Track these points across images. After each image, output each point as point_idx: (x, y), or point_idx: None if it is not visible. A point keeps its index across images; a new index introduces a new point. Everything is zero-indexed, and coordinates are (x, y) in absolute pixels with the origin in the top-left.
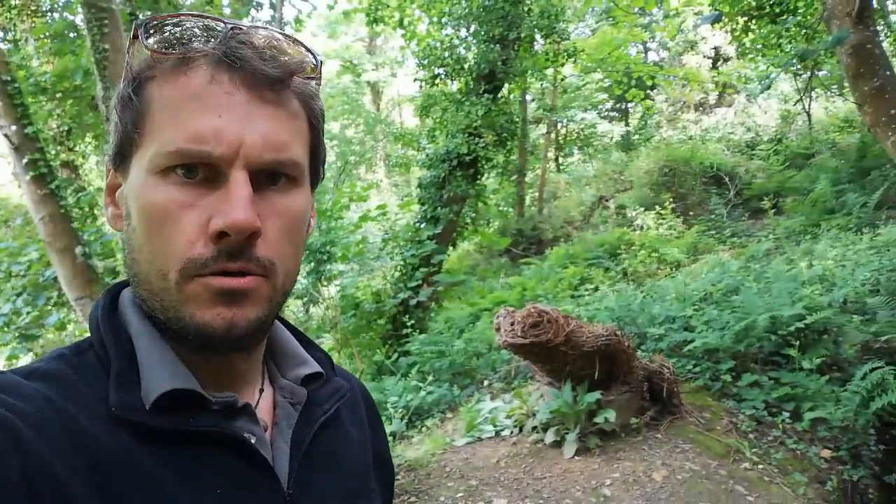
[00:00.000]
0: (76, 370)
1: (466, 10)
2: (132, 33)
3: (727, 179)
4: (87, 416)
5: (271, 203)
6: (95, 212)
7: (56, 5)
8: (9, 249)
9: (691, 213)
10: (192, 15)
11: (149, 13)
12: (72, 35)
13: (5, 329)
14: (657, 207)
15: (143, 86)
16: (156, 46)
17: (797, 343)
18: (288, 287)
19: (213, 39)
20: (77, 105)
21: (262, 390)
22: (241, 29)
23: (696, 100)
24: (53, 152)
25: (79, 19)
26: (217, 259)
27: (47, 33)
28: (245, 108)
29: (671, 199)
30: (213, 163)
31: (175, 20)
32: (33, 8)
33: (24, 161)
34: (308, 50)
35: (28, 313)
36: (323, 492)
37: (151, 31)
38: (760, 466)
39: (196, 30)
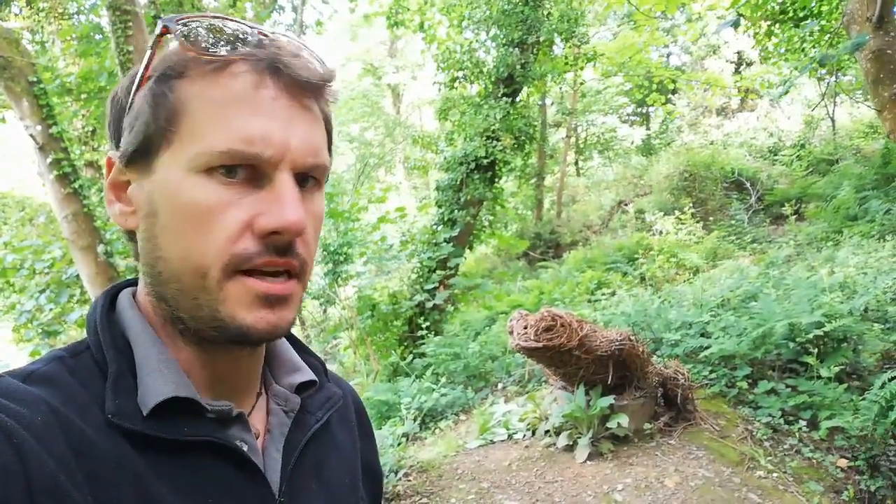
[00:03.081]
0: (73, 373)
1: (486, 14)
2: (158, 29)
3: (748, 185)
4: (85, 421)
5: (305, 205)
6: None
7: (83, 8)
8: (33, 247)
9: (711, 218)
10: (220, 17)
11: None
12: (97, 37)
13: (28, 325)
14: (677, 212)
15: (175, 83)
16: (191, 44)
17: (816, 351)
18: (306, 286)
19: (249, 43)
20: (101, 106)
21: (259, 395)
22: (272, 35)
23: (718, 104)
24: (77, 152)
25: (104, 21)
26: (263, 254)
27: (73, 35)
28: (288, 113)
29: (691, 204)
30: (259, 164)
31: (208, 21)
32: (60, 10)
33: (49, 160)
34: (321, 60)
35: (51, 310)
36: (313, 500)
37: (185, 30)
38: (775, 475)
39: (234, 32)
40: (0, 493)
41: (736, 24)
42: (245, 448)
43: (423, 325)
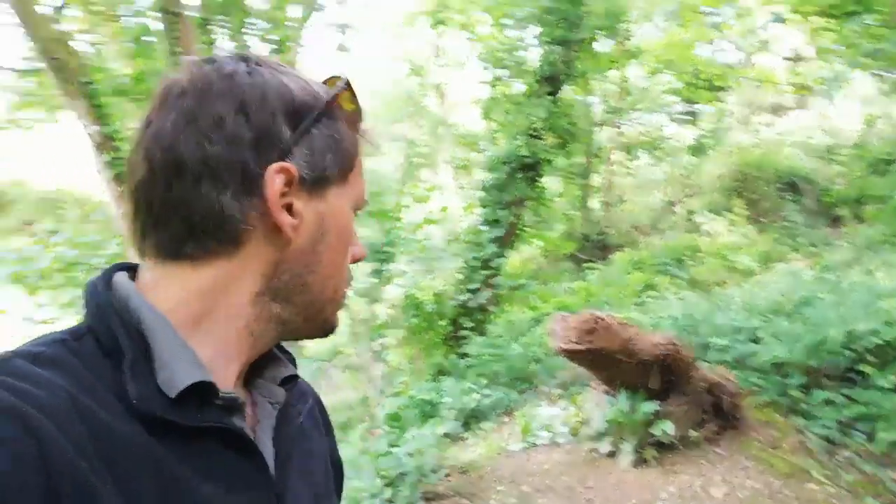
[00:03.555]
0: (78, 356)
1: (529, 12)
2: (343, 87)
3: (804, 185)
4: (100, 405)
5: None
6: None
7: (135, 10)
8: (91, 243)
9: (764, 219)
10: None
11: (219, 17)
12: (150, 39)
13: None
14: (728, 213)
15: (355, 137)
16: (363, 129)
17: (874, 359)
18: None
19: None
20: None
21: (244, 388)
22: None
23: (770, 102)
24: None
25: (154, 24)
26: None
27: (126, 38)
28: None
29: (743, 205)
30: None
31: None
32: (113, 13)
33: (104, 159)
34: None
35: None
36: (300, 490)
37: (355, 97)
38: (829, 489)
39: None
40: (19, 481)
41: (780, 20)
42: (252, 436)
43: (467, 326)
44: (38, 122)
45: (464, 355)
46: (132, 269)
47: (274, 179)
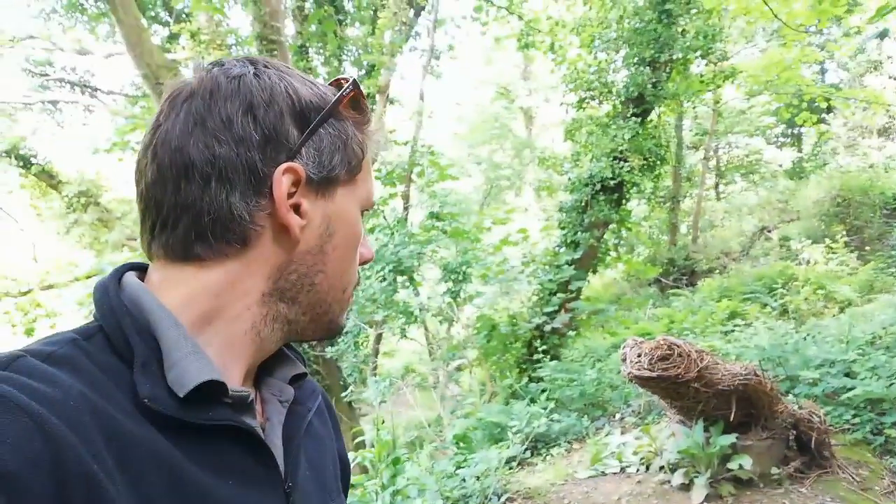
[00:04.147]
0: (89, 356)
1: (617, 34)
2: (350, 88)
3: None
4: (111, 404)
5: None
6: None
7: (239, 39)
8: None
9: (868, 247)
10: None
11: (318, 45)
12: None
13: None
14: (827, 240)
15: (364, 139)
16: (369, 130)
17: None
18: None
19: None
20: None
21: (253, 387)
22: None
23: (879, 124)
24: None
25: (255, 51)
26: (358, 277)
27: None
28: None
29: (844, 232)
30: None
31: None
32: (219, 42)
33: None
34: None
35: None
36: (309, 487)
37: (361, 97)
38: None
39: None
40: (32, 482)
41: (883, 36)
42: (262, 434)
43: (541, 349)
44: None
45: (537, 379)
46: (142, 270)
47: (282, 180)
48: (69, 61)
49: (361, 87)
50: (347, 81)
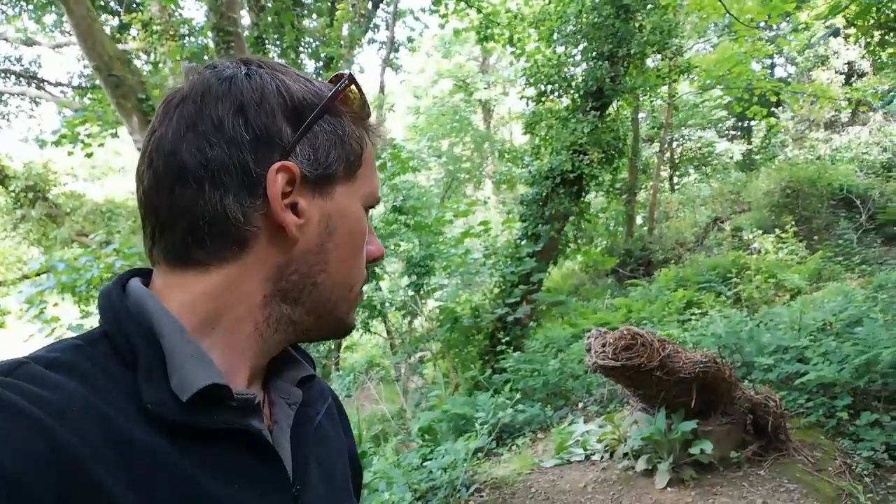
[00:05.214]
0: (93, 362)
1: (576, 28)
2: (345, 83)
3: (858, 202)
4: (115, 410)
5: None
6: None
7: (193, 30)
8: (140, 254)
9: (816, 237)
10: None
11: (275, 36)
12: (205, 58)
13: None
14: (777, 230)
15: (363, 134)
16: (370, 125)
17: None
18: None
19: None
20: None
21: (261, 389)
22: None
23: (826, 117)
24: None
25: (211, 42)
26: (365, 275)
27: (182, 56)
28: None
29: (793, 222)
30: None
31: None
32: (172, 32)
33: None
34: None
35: None
36: (320, 489)
37: (360, 94)
38: None
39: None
40: (34, 486)
41: (836, 33)
42: (269, 437)
43: (504, 340)
44: (94, 137)
45: (501, 370)
46: (146, 275)
47: (276, 179)
48: (14, 52)
49: (359, 82)
50: (344, 76)
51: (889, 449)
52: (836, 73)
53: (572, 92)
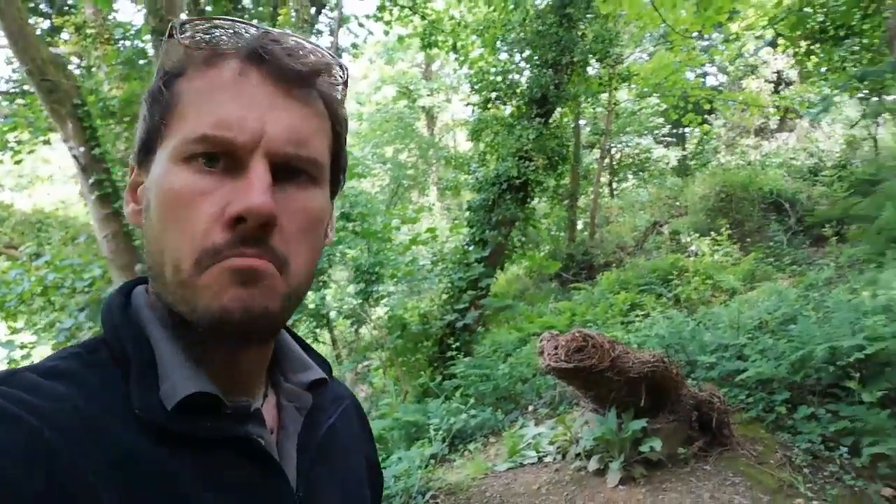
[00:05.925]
0: (91, 369)
1: (520, 36)
2: (167, 33)
3: (788, 206)
4: (108, 417)
5: (290, 198)
6: None
7: (128, 34)
8: (73, 266)
9: (749, 239)
10: (227, 19)
11: None
12: (141, 62)
13: (67, 343)
14: (713, 233)
15: (173, 81)
16: (188, 42)
17: (857, 375)
18: (301, 290)
19: (243, 38)
20: None
21: (265, 395)
22: (272, 32)
23: (756, 125)
24: (119, 174)
25: (147, 46)
26: (231, 246)
27: (118, 60)
28: (270, 100)
29: (728, 226)
30: (234, 150)
31: (210, 22)
32: (106, 36)
33: (91, 181)
34: (336, 60)
35: (89, 328)
36: (328, 495)
37: (187, 30)
38: (815, 503)
39: (230, 30)
40: (25, 491)
41: (772, 44)
42: (263, 443)
43: (454, 346)
44: (24, 144)
45: (450, 376)
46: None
47: (129, 174)
48: None
49: (186, 25)
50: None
51: (825, 440)
52: (766, 81)
53: (517, 99)
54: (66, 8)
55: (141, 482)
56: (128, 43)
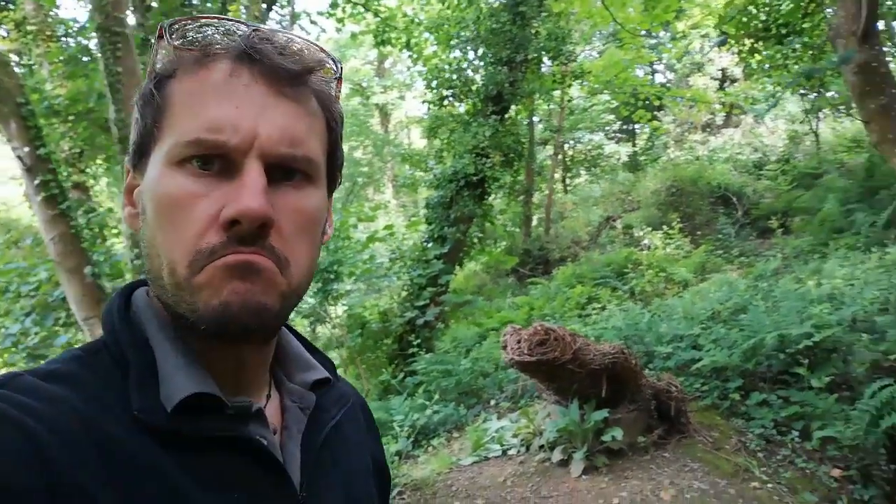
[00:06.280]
0: (92, 371)
1: (474, 34)
2: (157, 33)
3: (735, 199)
4: (107, 419)
5: (286, 198)
6: (105, 233)
7: (70, 30)
8: (18, 270)
9: (699, 232)
10: (217, 17)
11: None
12: (85, 59)
13: (14, 349)
14: (665, 227)
15: (164, 83)
16: (179, 43)
17: (806, 362)
18: (301, 289)
19: (234, 37)
20: (89, 127)
21: (269, 396)
22: (262, 29)
23: (703, 121)
24: (65, 174)
25: (93, 43)
26: (227, 245)
27: (61, 57)
28: (262, 101)
29: (679, 219)
30: (228, 153)
31: (200, 21)
32: (48, 33)
33: (36, 182)
34: (328, 55)
35: (36, 333)
36: (332, 495)
37: (177, 31)
38: (770, 486)
39: (221, 29)
40: (22, 494)
41: (722, 43)
42: (265, 444)
43: (414, 343)
44: None
45: (412, 373)
46: None
47: (125, 178)
48: None
49: (175, 25)
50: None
51: (777, 425)
52: (711, 78)
53: (473, 96)
54: (4, 3)
55: (141, 484)
56: (71, 41)
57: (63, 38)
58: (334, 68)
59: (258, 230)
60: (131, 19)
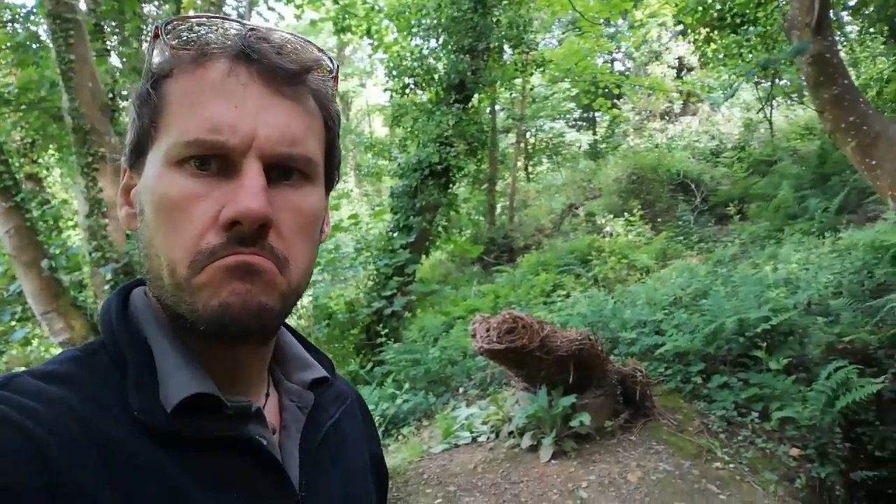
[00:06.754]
0: (90, 372)
1: (435, 21)
2: (153, 33)
3: (693, 186)
4: (106, 419)
5: (285, 197)
6: (60, 225)
7: (17, 16)
8: None
9: (659, 219)
10: (213, 16)
11: (114, 24)
12: (35, 46)
13: None
14: (626, 214)
15: (161, 82)
16: (175, 42)
17: (764, 345)
18: (301, 288)
19: (231, 37)
20: (41, 117)
21: (268, 395)
22: (258, 29)
23: (661, 109)
24: (17, 164)
25: (42, 30)
26: (227, 246)
27: (9, 44)
28: (260, 101)
29: (639, 206)
30: (226, 153)
31: (197, 20)
32: None
33: None
34: (324, 54)
35: None
36: (331, 494)
37: (172, 30)
38: (731, 465)
39: (216, 28)
40: (22, 495)
41: (683, 33)
42: (265, 444)
43: (382, 333)
44: None
45: (380, 363)
46: None
47: (122, 177)
48: None
49: (169, 25)
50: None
51: (738, 407)
52: (669, 67)
53: (435, 85)
54: None
55: (141, 484)
56: (19, 26)
57: (9, 24)
58: (330, 67)
59: (258, 230)
60: (83, 5)
